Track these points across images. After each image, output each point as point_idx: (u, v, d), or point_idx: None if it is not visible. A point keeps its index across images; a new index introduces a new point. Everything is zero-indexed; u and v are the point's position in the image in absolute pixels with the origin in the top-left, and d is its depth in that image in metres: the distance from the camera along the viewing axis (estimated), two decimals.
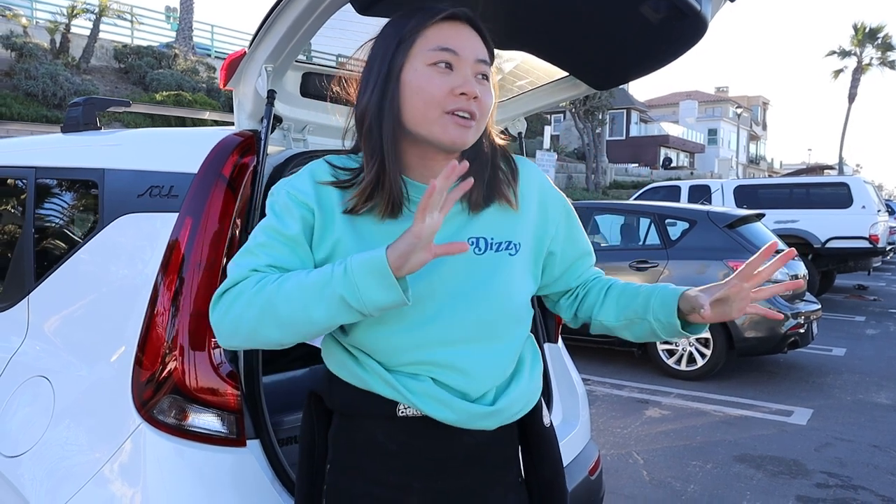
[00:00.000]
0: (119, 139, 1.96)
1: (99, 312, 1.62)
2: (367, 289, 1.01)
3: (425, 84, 1.13)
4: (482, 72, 1.17)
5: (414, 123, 1.15)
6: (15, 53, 15.95)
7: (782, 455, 4.35)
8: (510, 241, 1.23)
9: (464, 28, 1.18)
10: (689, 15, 1.58)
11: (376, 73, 1.17)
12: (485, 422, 1.18)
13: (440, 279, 1.15)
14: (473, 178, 1.18)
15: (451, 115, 1.13)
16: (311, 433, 1.27)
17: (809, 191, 11.23)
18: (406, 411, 1.16)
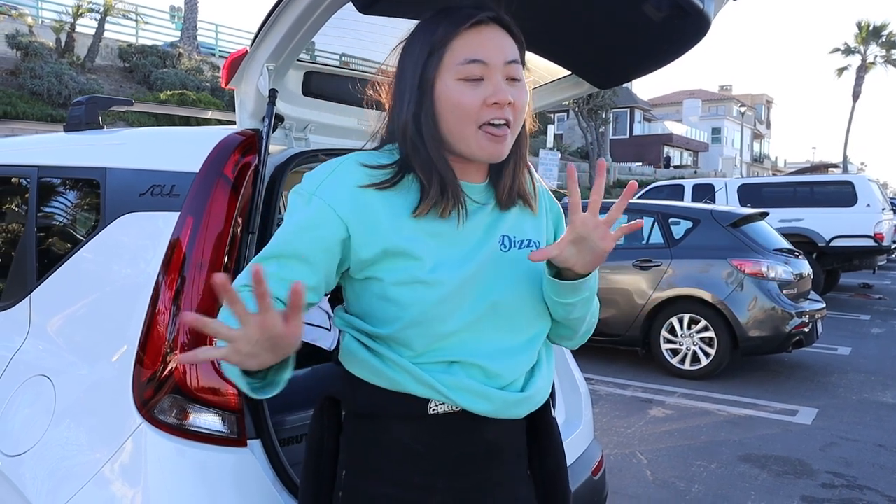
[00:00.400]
0: (121, 138, 1.96)
1: (100, 312, 1.62)
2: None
3: (457, 99, 1.14)
4: (513, 75, 1.16)
5: (451, 138, 1.17)
6: (20, 52, 16.01)
7: (787, 455, 4.34)
8: (531, 240, 1.26)
9: (491, 31, 1.16)
10: (692, 13, 1.57)
11: (410, 85, 1.17)
12: (518, 409, 1.21)
13: (474, 274, 1.17)
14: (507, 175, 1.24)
15: (484, 129, 1.14)
16: (321, 436, 1.26)
17: (814, 189, 11.21)
18: (437, 408, 1.17)
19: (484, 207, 1.23)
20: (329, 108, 1.93)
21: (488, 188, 1.26)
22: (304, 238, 1.12)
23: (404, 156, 1.18)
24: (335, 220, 1.13)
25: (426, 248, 1.15)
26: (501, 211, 1.25)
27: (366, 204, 1.14)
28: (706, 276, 6.18)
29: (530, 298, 1.24)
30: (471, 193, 1.22)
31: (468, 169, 1.23)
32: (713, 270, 6.16)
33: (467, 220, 1.20)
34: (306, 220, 1.13)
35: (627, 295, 6.45)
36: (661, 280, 6.31)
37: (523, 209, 1.28)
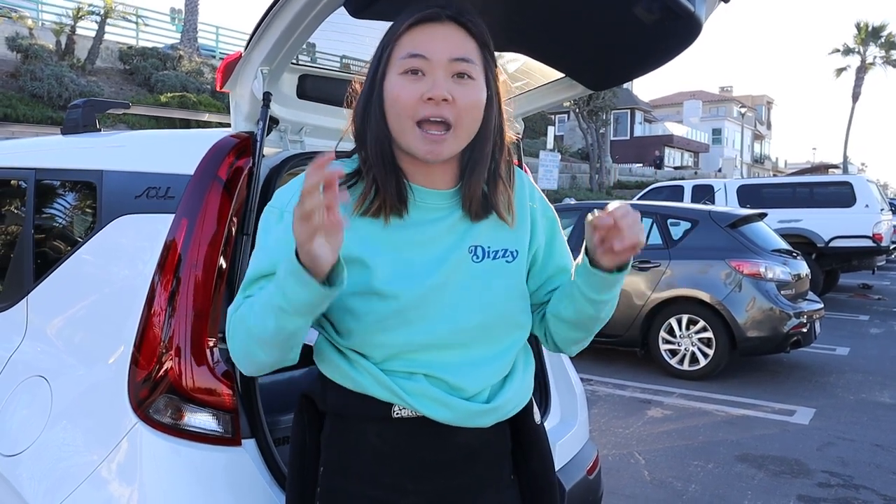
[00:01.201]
0: (117, 141, 1.97)
1: (97, 312, 1.64)
2: (290, 290, 1.00)
3: (396, 93, 1.12)
4: (461, 70, 1.13)
5: (394, 134, 1.15)
6: (20, 55, 16.06)
7: (784, 455, 4.35)
8: (507, 249, 1.23)
9: (442, 27, 1.14)
10: (683, 16, 1.58)
11: (368, 78, 1.18)
12: (481, 419, 1.19)
13: (439, 285, 1.16)
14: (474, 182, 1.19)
15: (422, 126, 1.12)
16: (303, 435, 1.27)
17: (813, 190, 11.22)
18: (401, 412, 1.16)
19: (450, 215, 1.21)
20: (324, 110, 1.95)
21: (456, 194, 1.22)
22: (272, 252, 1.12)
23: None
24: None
25: (381, 256, 1.14)
26: (473, 221, 1.21)
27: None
28: (705, 277, 6.19)
29: (505, 310, 1.21)
30: (432, 199, 1.20)
31: (431, 174, 1.20)
32: (711, 271, 6.18)
33: (425, 228, 1.18)
34: (281, 236, 1.12)
35: (626, 295, 6.46)
36: (659, 281, 6.33)
37: (499, 221, 1.24)
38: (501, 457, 1.28)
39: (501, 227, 1.24)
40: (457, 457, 1.20)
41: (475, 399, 1.18)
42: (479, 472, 1.23)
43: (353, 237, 1.14)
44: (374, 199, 1.15)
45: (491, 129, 1.20)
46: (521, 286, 1.26)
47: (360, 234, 1.15)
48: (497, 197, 1.22)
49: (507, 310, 1.22)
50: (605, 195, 24.56)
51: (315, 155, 1.79)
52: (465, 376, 1.17)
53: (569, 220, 7.34)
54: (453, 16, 1.14)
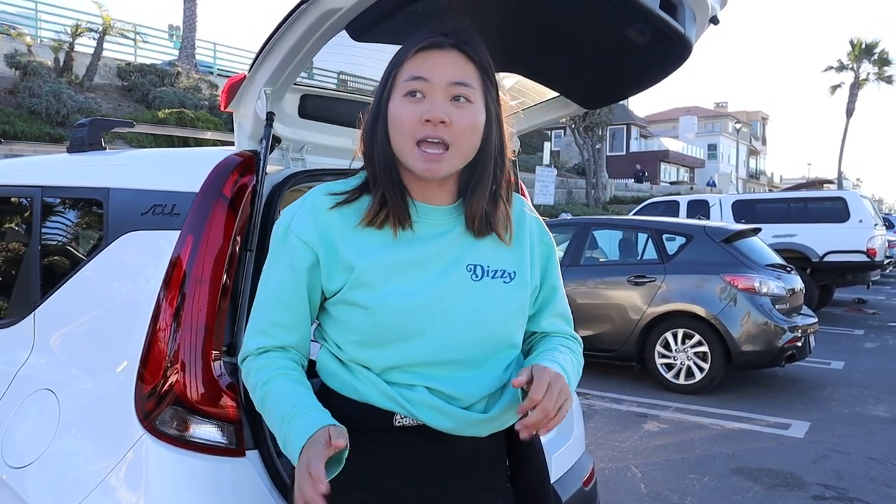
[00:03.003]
0: (123, 159, 2.02)
1: (103, 327, 1.67)
2: (293, 456, 1.15)
3: (398, 114, 1.19)
4: (459, 94, 1.19)
5: (397, 152, 1.22)
6: (19, 72, 16.09)
7: (779, 468, 4.38)
8: (505, 270, 1.28)
9: (445, 54, 1.20)
10: (674, 38, 1.64)
11: (374, 102, 1.25)
12: (479, 428, 1.24)
13: (439, 304, 1.21)
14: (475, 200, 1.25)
15: (421, 147, 1.18)
16: None
17: (807, 205, 11.30)
18: (402, 421, 1.21)
19: (450, 232, 1.25)
20: (324, 129, 2.00)
21: (456, 211, 1.27)
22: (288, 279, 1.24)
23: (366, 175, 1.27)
24: (305, 250, 1.23)
25: (384, 271, 1.20)
26: (475, 238, 1.26)
27: (327, 228, 1.22)
28: (700, 292, 6.23)
29: (499, 330, 1.26)
30: (431, 215, 1.25)
31: (429, 190, 1.26)
32: (707, 286, 6.22)
33: (422, 243, 1.23)
34: (285, 259, 1.24)
35: (622, 310, 6.50)
36: (655, 295, 6.37)
37: (497, 240, 1.29)
38: (497, 464, 1.32)
39: (500, 247, 1.29)
40: (455, 464, 1.24)
41: (473, 409, 1.23)
42: (476, 478, 1.27)
43: (359, 249, 1.20)
44: (381, 212, 1.22)
45: (491, 149, 1.25)
46: (517, 307, 1.29)
47: (366, 247, 1.21)
48: (497, 216, 1.27)
49: (501, 330, 1.27)
50: (601, 210, 24.65)
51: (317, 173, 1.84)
52: (461, 388, 1.21)
53: (565, 235, 7.40)
54: (456, 43, 1.21)
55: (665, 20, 1.54)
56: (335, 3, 1.37)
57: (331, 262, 1.22)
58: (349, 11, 1.38)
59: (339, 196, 1.25)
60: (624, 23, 1.58)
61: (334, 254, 1.22)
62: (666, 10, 1.53)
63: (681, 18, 1.60)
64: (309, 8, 1.39)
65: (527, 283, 1.31)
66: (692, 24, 1.70)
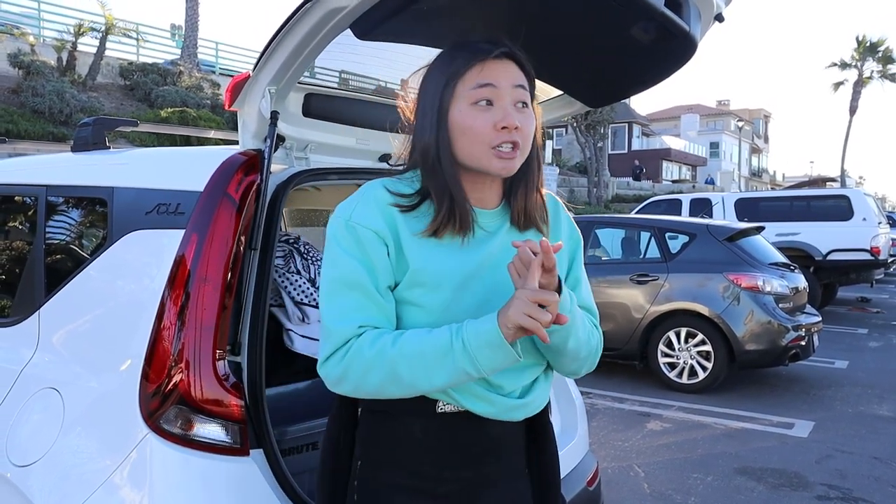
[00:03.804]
0: (127, 158, 2.02)
1: (107, 326, 1.67)
2: (485, 360, 1.15)
3: (470, 123, 1.23)
4: (521, 99, 1.26)
5: (465, 159, 1.26)
6: (22, 71, 16.11)
7: (783, 467, 4.37)
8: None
9: (503, 62, 1.27)
10: (679, 36, 1.63)
11: (430, 112, 1.27)
12: (517, 413, 1.31)
13: (492, 295, 1.25)
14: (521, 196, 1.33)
15: (495, 149, 1.23)
16: (338, 432, 1.35)
17: (810, 203, 11.28)
18: (445, 408, 1.27)
19: (499, 232, 1.31)
20: (328, 128, 1.99)
21: (503, 212, 1.35)
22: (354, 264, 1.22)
23: (423, 183, 1.28)
24: (376, 239, 1.23)
25: (434, 271, 1.24)
26: (519, 233, 1.33)
27: (392, 222, 1.24)
28: (703, 290, 6.22)
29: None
30: (483, 219, 1.31)
31: (483, 192, 1.31)
32: (710, 284, 6.21)
33: (479, 247, 1.28)
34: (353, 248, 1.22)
35: (625, 309, 6.50)
36: (658, 294, 6.36)
37: (538, 234, 1.35)
38: (520, 449, 1.40)
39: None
40: (488, 448, 1.32)
41: (511, 395, 1.30)
42: (503, 461, 1.35)
43: (421, 254, 1.24)
44: (449, 221, 1.25)
45: (535, 149, 1.33)
46: None
47: (428, 253, 1.24)
48: (536, 210, 1.35)
49: None
50: (603, 209, 24.63)
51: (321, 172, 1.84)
52: (504, 377, 1.28)
53: None
54: (509, 52, 1.28)
55: (670, 18, 1.53)
56: (340, 2, 1.37)
57: (397, 255, 1.24)
58: (354, 10, 1.38)
59: (399, 198, 1.26)
60: (628, 21, 1.58)
61: (399, 248, 1.24)
62: (671, 8, 1.52)
63: (686, 16, 1.60)
64: (313, 7, 1.39)
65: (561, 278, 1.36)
66: (697, 21, 1.69)
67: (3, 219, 2.27)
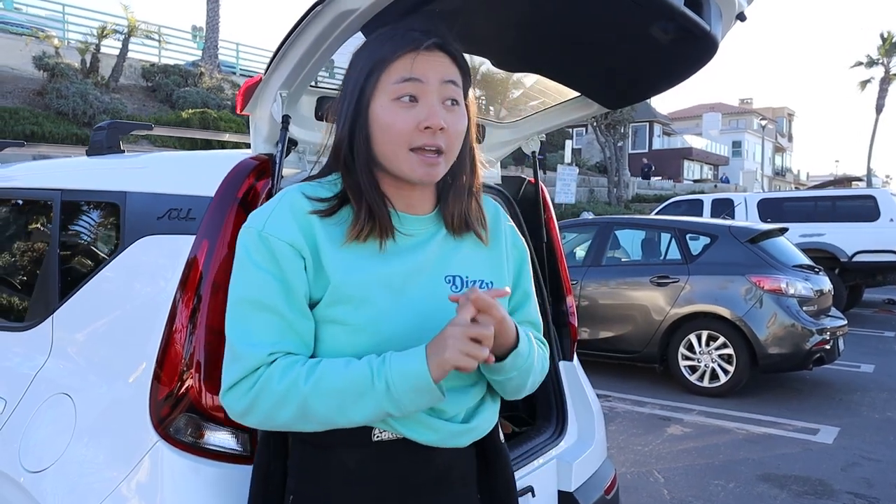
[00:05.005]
0: (140, 162, 2.01)
1: (119, 332, 1.66)
2: (410, 402, 1.08)
3: (390, 120, 1.13)
4: (451, 96, 1.16)
5: (383, 159, 1.17)
6: (47, 73, 16.33)
7: (807, 474, 4.28)
8: (482, 280, 1.26)
9: (434, 55, 1.16)
10: (700, 36, 1.59)
11: (348, 103, 1.17)
12: (461, 439, 1.22)
13: (422, 321, 1.16)
14: (453, 201, 1.23)
15: (418, 152, 1.14)
16: (267, 462, 1.25)
17: (835, 204, 11.09)
18: (381, 435, 1.17)
19: (431, 241, 1.22)
20: None
21: (436, 218, 1.25)
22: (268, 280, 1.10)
23: (342, 184, 1.18)
24: (291, 252, 1.12)
25: (372, 289, 1.13)
26: (455, 238, 1.24)
27: (309, 231, 1.13)
28: (724, 293, 6.14)
29: None
30: (410, 225, 1.21)
31: (412, 198, 1.22)
32: (731, 287, 6.12)
33: (408, 256, 1.18)
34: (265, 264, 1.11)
35: (644, 311, 6.43)
36: (678, 296, 6.28)
37: (476, 243, 1.27)
38: (470, 475, 1.30)
39: (478, 251, 1.27)
40: (434, 478, 1.21)
41: (454, 420, 1.21)
42: (453, 491, 1.25)
43: (343, 264, 1.13)
44: (367, 224, 1.15)
45: (467, 150, 1.24)
46: None
47: (350, 262, 1.14)
48: (472, 213, 1.26)
49: None
50: (623, 209, 24.43)
51: None
52: (446, 400, 1.16)
53: (586, 234, 7.33)
54: (440, 43, 1.17)
55: (690, 17, 1.49)
56: (351, 5, 1.34)
57: (316, 269, 1.13)
58: (365, 13, 1.35)
59: (317, 203, 1.16)
60: (647, 20, 1.54)
61: (318, 261, 1.13)
62: (691, 8, 1.48)
63: (706, 15, 1.55)
64: (324, 10, 1.36)
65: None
66: (718, 21, 1.65)
67: (20, 223, 2.27)
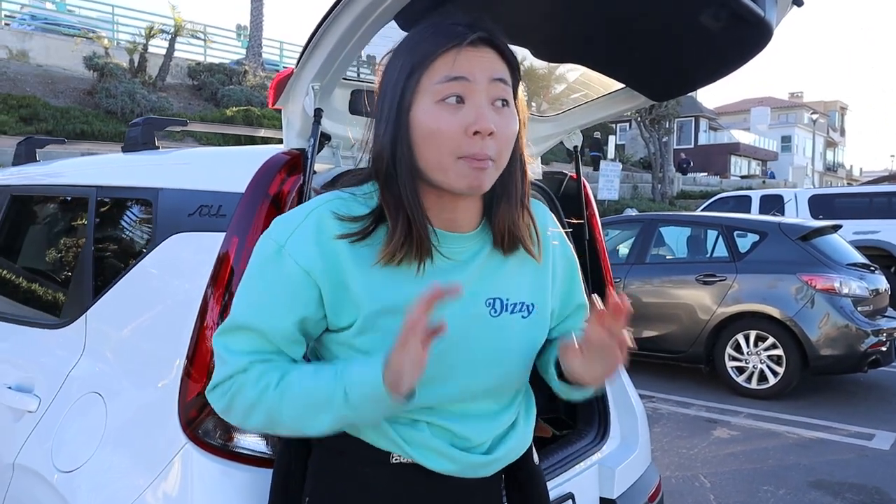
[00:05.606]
0: (173, 159, 2.00)
1: (149, 330, 1.65)
2: (370, 412, 1.01)
3: (434, 126, 1.02)
4: (500, 96, 1.05)
5: (428, 169, 1.05)
6: (97, 73, 16.76)
7: (863, 482, 4.11)
8: (524, 303, 1.16)
9: (479, 51, 1.04)
10: (753, 22, 1.51)
11: (388, 106, 1.07)
12: (483, 470, 1.15)
13: (457, 349, 1.09)
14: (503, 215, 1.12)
15: (465, 159, 1.02)
16: (288, 461, 1.22)
17: (891, 200, 10.67)
18: (399, 459, 1.12)
19: (474, 260, 1.12)
20: None
21: (482, 234, 1.14)
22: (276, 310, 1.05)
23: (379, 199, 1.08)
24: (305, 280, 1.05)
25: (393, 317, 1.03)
26: (504, 255, 1.14)
27: (335, 259, 1.05)
28: (774, 292, 5.94)
29: (515, 369, 1.16)
30: (452, 244, 1.11)
31: (455, 212, 1.11)
32: (781, 286, 5.93)
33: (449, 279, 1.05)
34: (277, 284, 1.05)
35: (690, 310, 6.26)
36: (725, 295, 6.10)
37: (524, 260, 1.17)
38: (494, 499, 1.23)
39: (524, 268, 1.18)
40: (452, 500, 1.15)
41: (476, 450, 1.13)
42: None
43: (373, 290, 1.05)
44: (403, 246, 1.04)
45: (518, 156, 1.12)
46: (534, 345, 1.20)
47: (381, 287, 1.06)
48: (522, 227, 1.15)
49: (516, 369, 1.18)
50: (668, 205, 23.99)
51: None
52: (470, 427, 1.12)
53: (630, 232, 7.18)
54: (485, 37, 1.05)
55: (744, 3, 1.41)
56: None
57: (338, 297, 1.05)
58: (397, 0, 1.30)
59: (349, 224, 1.05)
60: (698, 7, 1.46)
61: (342, 288, 1.05)
62: None
63: (761, 1, 1.46)
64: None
65: (546, 317, 1.21)
66: (773, 6, 1.55)
67: (58, 220, 2.28)
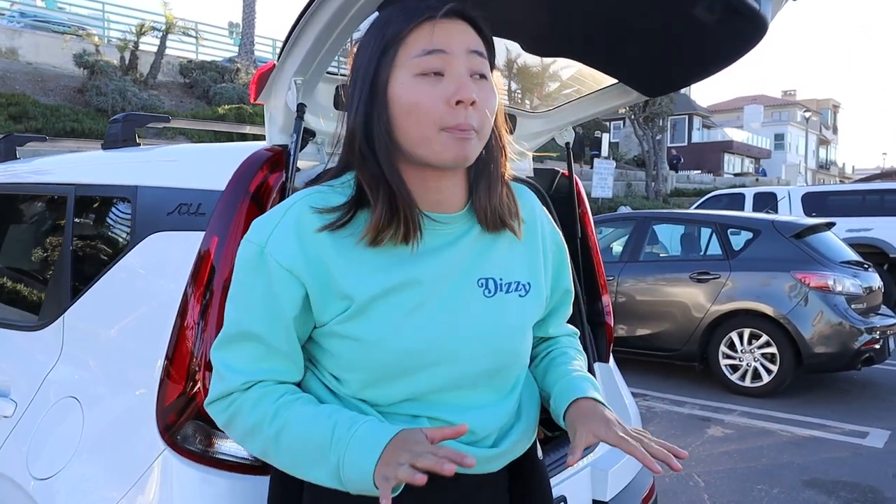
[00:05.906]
0: (153, 156, 1.94)
1: (128, 332, 1.60)
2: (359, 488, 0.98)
3: (415, 99, 1.01)
4: (478, 69, 1.04)
5: (410, 145, 1.04)
6: (87, 71, 16.64)
7: (856, 480, 4.09)
8: (519, 282, 1.14)
9: (453, 23, 1.04)
10: (747, 15, 1.47)
11: (360, 87, 1.05)
12: (489, 465, 1.12)
13: (452, 332, 1.06)
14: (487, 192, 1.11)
15: (448, 131, 1.01)
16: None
17: (884, 197, 10.69)
18: None
19: (462, 239, 1.10)
20: None
21: (468, 215, 1.12)
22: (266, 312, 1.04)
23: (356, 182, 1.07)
24: (290, 280, 1.03)
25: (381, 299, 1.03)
26: (489, 233, 1.12)
27: (317, 253, 1.03)
28: (767, 290, 5.93)
29: (515, 350, 1.13)
30: (439, 227, 1.09)
31: (441, 191, 1.09)
32: (775, 283, 5.91)
33: (436, 259, 1.07)
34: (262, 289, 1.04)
35: (684, 308, 6.24)
36: (719, 293, 6.09)
37: (508, 240, 1.15)
38: (500, 494, 1.20)
39: (513, 249, 1.16)
40: (456, 498, 1.12)
41: (481, 444, 1.10)
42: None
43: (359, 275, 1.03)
44: (389, 226, 1.03)
45: (497, 130, 1.12)
46: (530, 322, 1.17)
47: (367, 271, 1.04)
48: (504, 204, 1.13)
49: (516, 350, 1.14)
50: (661, 203, 24.00)
51: None
52: (473, 419, 1.08)
53: (624, 229, 7.16)
54: (458, 10, 1.04)
55: None
56: None
57: (324, 292, 1.03)
58: None
59: (327, 215, 1.04)
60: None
61: (327, 282, 1.03)
62: None
63: None
64: None
65: (542, 295, 1.19)
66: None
67: (37, 219, 2.23)
